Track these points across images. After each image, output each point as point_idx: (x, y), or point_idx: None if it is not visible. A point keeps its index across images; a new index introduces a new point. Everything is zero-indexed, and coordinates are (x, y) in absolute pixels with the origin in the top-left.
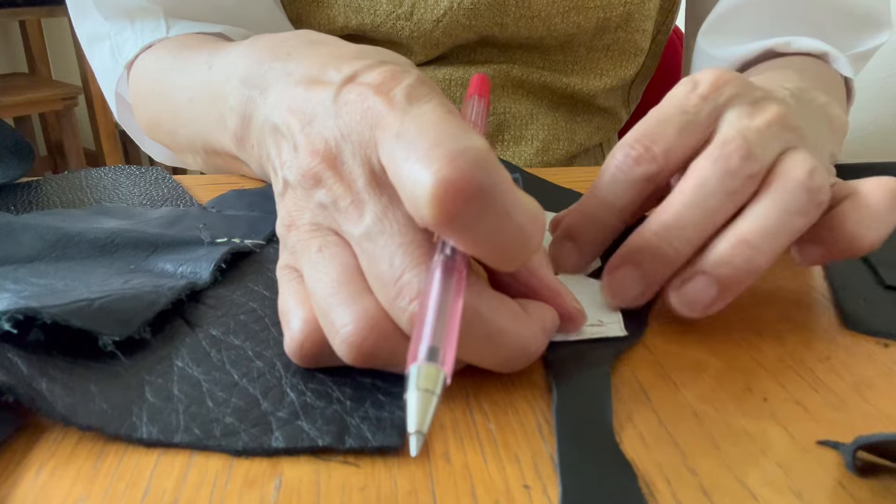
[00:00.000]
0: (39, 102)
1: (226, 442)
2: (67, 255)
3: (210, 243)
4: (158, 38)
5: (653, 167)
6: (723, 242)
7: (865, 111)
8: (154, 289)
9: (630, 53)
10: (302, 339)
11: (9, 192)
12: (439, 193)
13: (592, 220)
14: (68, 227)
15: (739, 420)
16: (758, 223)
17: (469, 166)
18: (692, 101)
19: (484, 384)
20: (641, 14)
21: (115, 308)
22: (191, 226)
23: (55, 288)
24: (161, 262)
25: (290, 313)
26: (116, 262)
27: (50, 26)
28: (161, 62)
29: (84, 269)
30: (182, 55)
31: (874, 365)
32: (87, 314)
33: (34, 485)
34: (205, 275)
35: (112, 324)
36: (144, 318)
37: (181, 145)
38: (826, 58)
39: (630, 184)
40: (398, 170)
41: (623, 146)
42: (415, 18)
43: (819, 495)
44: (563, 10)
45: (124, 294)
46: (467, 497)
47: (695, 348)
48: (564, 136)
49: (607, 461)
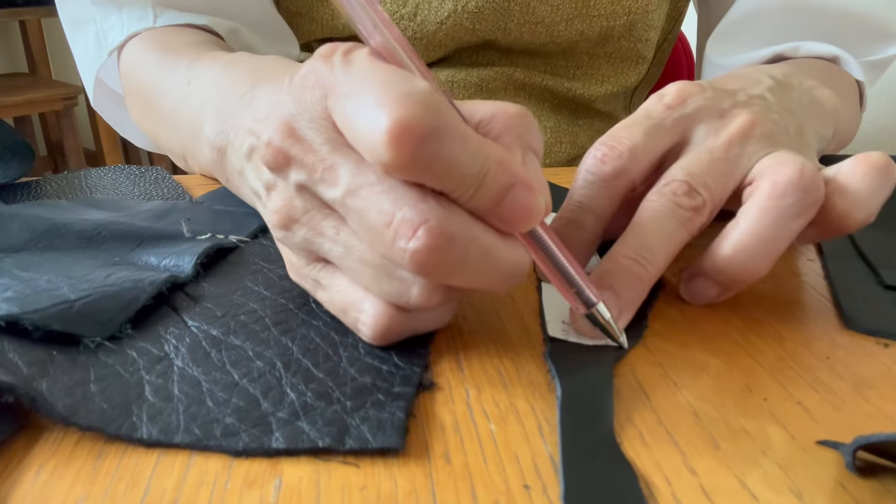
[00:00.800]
0: (39, 102)
1: (226, 442)
2: (54, 246)
3: (191, 238)
4: (145, 27)
5: (619, 162)
6: (722, 249)
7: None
8: (135, 284)
9: (632, 61)
10: (388, 319)
11: (9, 192)
12: (394, 136)
13: (574, 225)
14: (57, 218)
15: (739, 420)
16: (754, 231)
17: (417, 107)
18: (658, 109)
19: (484, 384)
20: (645, 24)
21: (96, 308)
22: (177, 219)
23: (38, 286)
24: (145, 255)
25: (360, 301)
26: (102, 255)
27: (50, 26)
28: (147, 59)
29: (69, 260)
30: (166, 59)
31: (874, 365)
32: (67, 318)
33: (34, 485)
34: (187, 268)
35: (92, 325)
36: (126, 317)
37: (165, 147)
38: (837, 61)
39: (601, 184)
40: (352, 125)
41: (590, 151)
42: (418, 19)
43: (819, 495)
44: (567, 17)
45: (105, 292)
46: (467, 497)
47: (695, 348)
48: (567, 138)
49: (607, 461)
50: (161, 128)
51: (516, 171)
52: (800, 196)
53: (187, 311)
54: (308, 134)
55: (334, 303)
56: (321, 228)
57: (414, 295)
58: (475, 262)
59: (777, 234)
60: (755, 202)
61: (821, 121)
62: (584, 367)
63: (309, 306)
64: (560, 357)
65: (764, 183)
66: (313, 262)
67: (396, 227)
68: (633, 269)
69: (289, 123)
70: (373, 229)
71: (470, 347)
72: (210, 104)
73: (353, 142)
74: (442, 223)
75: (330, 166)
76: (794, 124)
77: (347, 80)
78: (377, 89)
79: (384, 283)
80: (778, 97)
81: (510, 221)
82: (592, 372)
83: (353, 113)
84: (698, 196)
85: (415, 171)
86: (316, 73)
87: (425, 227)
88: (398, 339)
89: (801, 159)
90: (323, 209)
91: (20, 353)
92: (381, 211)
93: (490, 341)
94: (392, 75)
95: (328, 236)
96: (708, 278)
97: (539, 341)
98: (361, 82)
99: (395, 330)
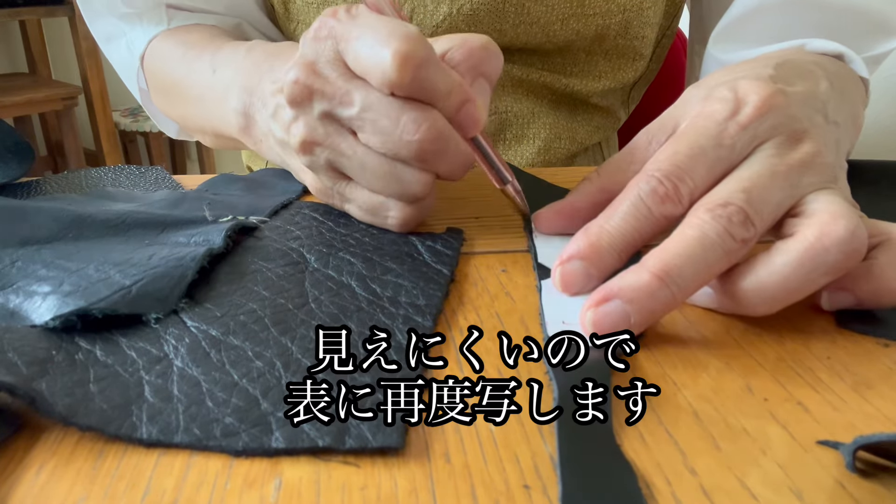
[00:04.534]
0: (39, 102)
1: (226, 442)
2: (84, 236)
3: (214, 221)
4: (162, 30)
5: (677, 210)
6: (742, 281)
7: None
8: (178, 262)
9: (629, 58)
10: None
11: (9, 192)
12: (401, 61)
13: (607, 245)
14: (79, 210)
15: (739, 420)
16: (784, 278)
17: (415, 42)
18: (731, 131)
19: None
20: (640, 21)
21: (151, 290)
22: (193, 207)
23: (90, 276)
24: (173, 236)
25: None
26: (131, 241)
27: (50, 26)
28: (170, 56)
29: (104, 247)
30: (189, 54)
31: (874, 365)
32: (129, 300)
33: (34, 485)
34: (218, 240)
35: (153, 303)
36: (180, 291)
37: (192, 128)
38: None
39: (652, 219)
40: (364, 59)
41: (651, 177)
42: (414, 22)
43: (819, 495)
44: (562, 17)
45: (155, 273)
46: (467, 497)
47: (695, 348)
48: (566, 134)
49: (607, 461)
50: (189, 110)
51: (468, 91)
52: (841, 259)
53: (186, 312)
54: (325, 70)
55: (362, 209)
56: (341, 148)
57: (415, 187)
58: (452, 153)
59: (803, 287)
60: (796, 247)
61: (851, 137)
62: (584, 368)
63: (308, 306)
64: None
65: (811, 231)
66: (337, 180)
67: (403, 126)
68: (658, 294)
69: (310, 65)
70: (384, 131)
71: (470, 347)
72: (236, 83)
73: (362, 72)
74: (433, 122)
75: (346, 91)
76: (835, 139)
77: (355, 27)
78: (384, 31)
79: (393, 185)
80: (833, 111)
81: (464, 126)
82: (591, 372)
83: (363, 48)
84: (752, 228)
85: (412, 88)
86: (327, 26)
87: (425, 124)
88: (415, 226)
89: (855, 218)
90: (341, 130)
91: (20, 352)
92: (390, 117)
93: (490, 341)
94: (391, 22)
95: (347, 155)
96: (714, 294)
97: (539, 341)
98: (369, 27)
99: (415, 219)
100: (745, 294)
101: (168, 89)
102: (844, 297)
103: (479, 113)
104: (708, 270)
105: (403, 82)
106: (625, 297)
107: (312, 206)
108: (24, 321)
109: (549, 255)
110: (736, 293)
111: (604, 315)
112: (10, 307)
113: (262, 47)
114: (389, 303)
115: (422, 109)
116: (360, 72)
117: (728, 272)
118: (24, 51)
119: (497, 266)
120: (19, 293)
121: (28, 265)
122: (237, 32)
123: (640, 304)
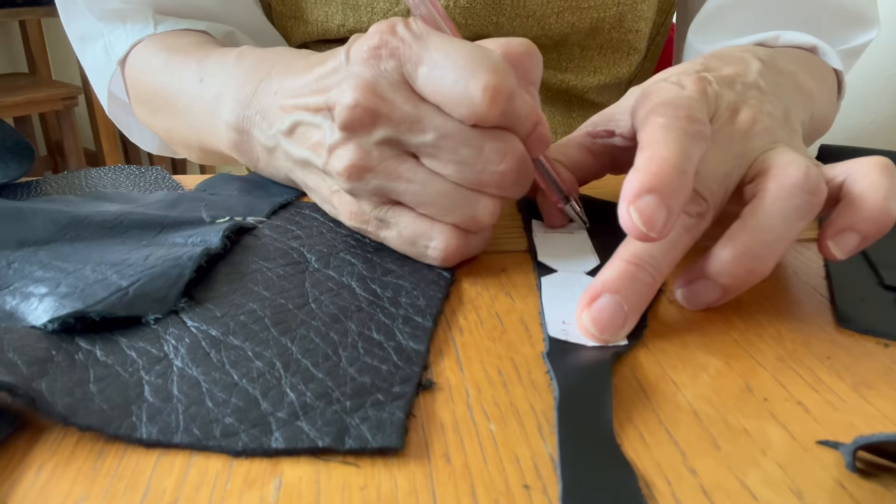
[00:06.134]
0: (39, 102)
1: (226, 442)
2: (81, 237)
3: (211, 222)
4: (147, 35)
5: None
6: (725, 251)
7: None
8: (175, 262)
9: (624, 52)
10: (455, 242)
11: (9, 192)
12: (492, 95)
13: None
14: (75, 211)
15: (739, 420)
16: (759, 233)
17: (504, 73)
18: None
19: (484, 384)
20: (634, 15)
21: (148, 290)
22: (190, 207)
23: (87, 278)
24: (170, 237)
25: (428, 231)
26: (128, 242)
27: (50, 26)
28: (153, 62)
29: (101, 248)
30: (173, 60)
31: (874, 365)
32: (126, 302)
33: (34, 485)
34: (215, 241)
35: (150, 304)
36: (178, 291)
37: (177, 141)
38: (815, 51)
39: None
40: (445, 89)
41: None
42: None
43: (819, 495)
44: (558, 10)
45: (152, 274)
46: (467, 497)
47: (695, 348)
48: (561, 130)
49: (607, 461)
50: (175, 122)
51: (540, 113)
52: (806, 198)
53: (186, 312)
54: (389, 94)
55: (402, 236)
56: (399, 172)
57: (485, 216)
58: (527, 177)
59: (783, 236)
60: (761, 203)
61: (801, 105)
62: (583, 367)
63: (308, 306)
64: (559, 357)
65: (770, 184)
66: (381, 205)
67: (487, 157)
68: (638, 277)
69: (371, 87)
70: (465, 161)
71: (470, 347)
72: (226, 95)
73: (438, 101)
74: (515, 150)
75: (417, 118)
76: (782, 110)
77: (424, 51)
78: (461, 58)
79: (458, 208)
80: (767, 81)
81: (536, 147)
82: (591, 372)
83: (442, 78)
84: (703, 202)
85: (501, 119)
86: (388, 46)
87: (510, 154)
88: (459, 261)
89: (804, 160)
90: (401, 155)
91: (20, 353)
92: (471, 146)
93: (490, 341)
94: (464, 46)
95: (405, 178)
96: (710, 281)
97: (539, 341)
98: (442, 52)
99: (460, 252)
100: (736, 262)
101: (150, 98)
102: (850, 239)
103: (549, 133)
104: (675, 247)
105: (493, 114)
106: (611, 289)
107: (313, 206)
108: (21, 323)
109: (549, 255)
110: (728, 267)
111: (599, 311)
112: (7, 309)
113: (253, 53)
114: (390, 303)
115: (504, 139)
116: (435, 100)
117: (711, 252)
118: (24, 51)
119: (497, 266)
120: (16, 295)
121: (25, 266)
122: (228, 41)
123: (628, 292)
